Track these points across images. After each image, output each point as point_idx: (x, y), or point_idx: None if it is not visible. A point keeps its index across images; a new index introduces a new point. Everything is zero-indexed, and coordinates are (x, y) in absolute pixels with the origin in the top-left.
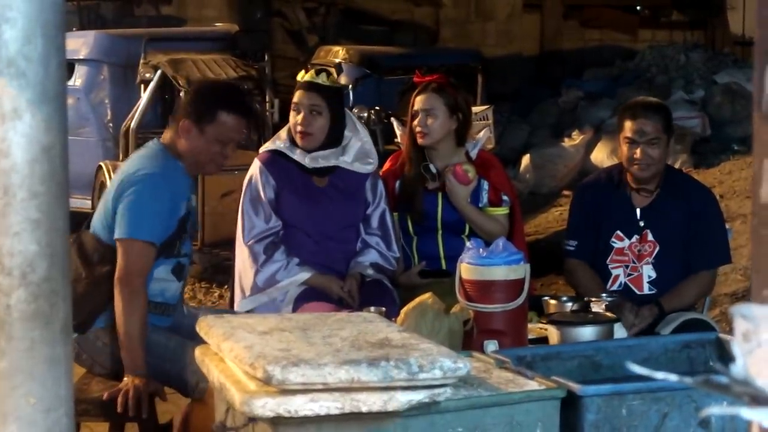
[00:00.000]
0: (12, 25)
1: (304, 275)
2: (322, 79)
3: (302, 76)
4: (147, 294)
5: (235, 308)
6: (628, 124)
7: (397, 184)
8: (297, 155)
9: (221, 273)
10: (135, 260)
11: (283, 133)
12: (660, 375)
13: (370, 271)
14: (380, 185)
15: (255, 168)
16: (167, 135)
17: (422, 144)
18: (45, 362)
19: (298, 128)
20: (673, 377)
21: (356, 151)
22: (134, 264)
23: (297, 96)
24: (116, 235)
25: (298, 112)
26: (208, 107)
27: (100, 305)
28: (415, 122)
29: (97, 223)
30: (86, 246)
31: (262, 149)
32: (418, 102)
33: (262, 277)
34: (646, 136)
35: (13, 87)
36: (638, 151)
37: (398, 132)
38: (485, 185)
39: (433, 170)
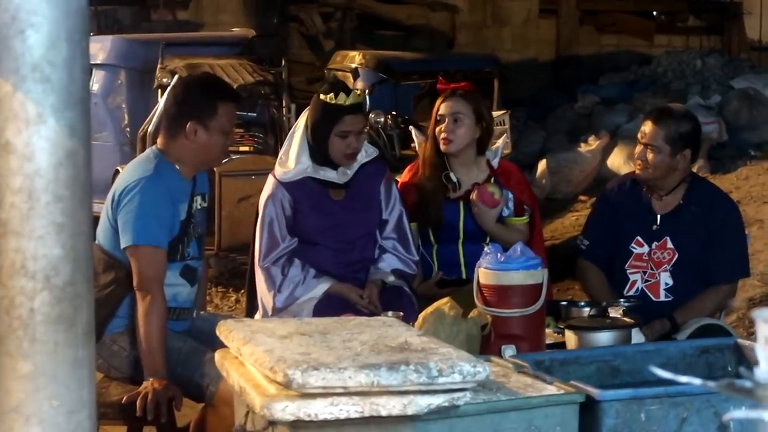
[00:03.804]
0: (37, 29)
1: (323, 286)
2: (361, 98)
3: (344, 100)
4: (165, 298)
5: None
6: (642, 123)
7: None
8: (328, 175)
9: (238, 277)
10: (147, 266)
11: (299, 155)
12: (684, 379)
13: (391, 278)
14: (394, 189)
15: (271, 186)
16: (161, 141)
17: (446, 151)
18: (68, 365)
19: (348, 151)
20: (696, 381)
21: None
22: (147, 269)
23: (347, 123)
24: (123, 244)
25: (347, 137)
26: (206, 102)
27: (109, 313)
28: (440, 128)
29: (100, 232)
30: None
31: (281, 175)
32: (444, 107)
33: (281, 298)
34: (645, 138)
35: (38, 92)
36: (638, 149)
37: (416, 140)
38: (509, 195)
39: (454, 179)
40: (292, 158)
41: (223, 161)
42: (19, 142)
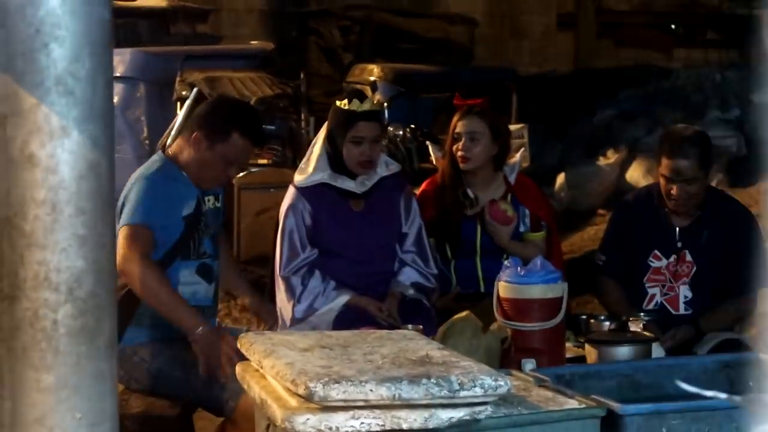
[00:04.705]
0: (60, 43)
1: (343, 298)
2: (377, 106)
3: (357, 106)
4: (153, 265)
5: None
6: (664, 161)
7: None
8: (345, 183)
9: (257, 290)
10: (127, 242)
11: (318, 162)
12: (710, 394)
13: (411, 291)
14: (414, 202)
15: (291, 196)
16: (175, 146)
17: (464, 168)
18: (91, 377)
19: (364, 159)
20: (722, 396)
21: (382, 160)
22: (127, 246)
23: (359, 128)
24: (118, 226)
25: (360, 144)
26: (222, 125)
27: (126, 316)
28: (458, 146)
29: None
30: None
31: (299, 181)
32: (462, 125)
33: (300, 308)
34: (682, 176)
35: (61, 105)
36: (675, 188)
37: (433, 155)
38: (526, 212)
39: (471, 196)
40: (312, 165)
41: (241, 174)
42: (43, 155)
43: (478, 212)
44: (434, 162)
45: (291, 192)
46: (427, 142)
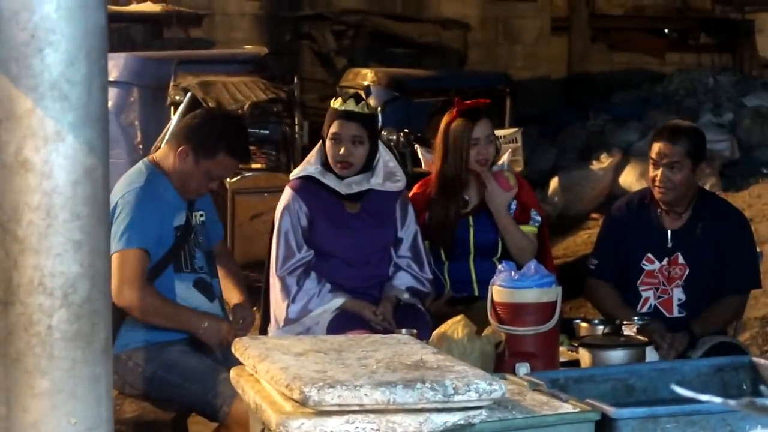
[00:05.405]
0: (55, 48)
1: (338, 301)
2: (361, 107)
3: (339, 104)
4: (148, 286)
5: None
6: (654, 146)
7: (428, 214)
8: (330, 181)
9: (251, 294)
10: (122, 270)
11: (312, 157)
12: (704, 397)
13: (405, 295)
14: (410, 207)
15: (287, 197)
16: (161, 152)
17: (483, 170)
18: (86, 382)
19: (340, 159)
20: (717, 400)
21: (384, 171)
22: (122, 274)
23: (336, 126)
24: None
25: (338, 142)
26: (211, 143)
27: (115, 322)
28: (479, 150)
29: None
30: None
31: (292, 176)
32: (479, 131)
33: (294, 309)
34: (666, 158)
35: (56, 109)
36: (659, 173)
37: (423, 158)
38: (513, 204)
39: (466, 197)
40: (307, 160)
41: (234, 178)
42: (37, 160)
43: (469, 211)
44: (424, 165)
45: (287, 193)
46: (416, 145)
